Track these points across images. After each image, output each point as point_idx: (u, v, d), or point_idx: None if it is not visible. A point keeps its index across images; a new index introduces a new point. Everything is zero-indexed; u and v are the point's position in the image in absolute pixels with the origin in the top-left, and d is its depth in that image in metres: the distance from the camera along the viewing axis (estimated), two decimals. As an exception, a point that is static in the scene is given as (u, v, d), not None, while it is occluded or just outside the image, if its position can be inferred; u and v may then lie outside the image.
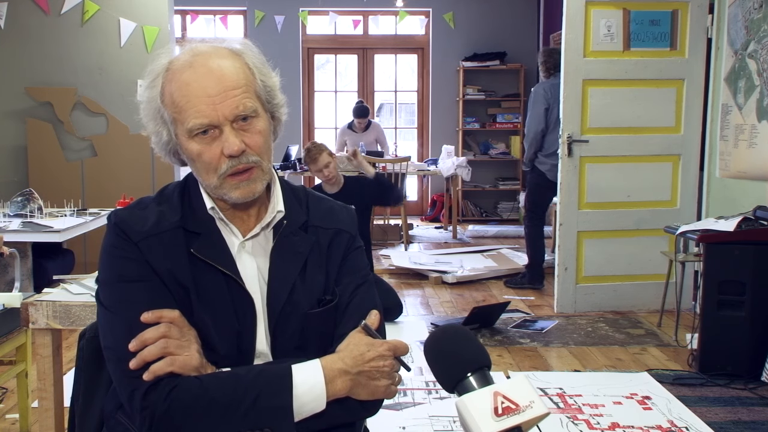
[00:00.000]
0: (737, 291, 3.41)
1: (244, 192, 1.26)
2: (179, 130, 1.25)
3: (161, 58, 1.28)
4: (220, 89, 1.21)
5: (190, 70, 1.23)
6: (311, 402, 1.19)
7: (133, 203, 1.34)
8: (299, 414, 1.19)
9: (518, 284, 5.33)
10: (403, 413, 2.99)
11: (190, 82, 1.22)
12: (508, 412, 0.96)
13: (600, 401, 3.13)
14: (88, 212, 4.39)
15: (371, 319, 1.29)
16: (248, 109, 1.23)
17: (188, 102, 1.21)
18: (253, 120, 1.24)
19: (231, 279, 1.26)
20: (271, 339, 1.29)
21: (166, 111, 1.25)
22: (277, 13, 8.54)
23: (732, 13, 4.21)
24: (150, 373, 1.16)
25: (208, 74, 1.22)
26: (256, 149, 1.25)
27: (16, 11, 5.31)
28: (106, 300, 1.25)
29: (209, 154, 1.23)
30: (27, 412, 2.81)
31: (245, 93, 1.23)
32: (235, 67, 1.24)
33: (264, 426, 1.16)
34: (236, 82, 1.23)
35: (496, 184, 8.88)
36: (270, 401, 1.17)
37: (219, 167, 1.23)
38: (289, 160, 7.09)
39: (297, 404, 1.18)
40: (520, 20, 8.78)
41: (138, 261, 1.24)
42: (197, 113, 1.21)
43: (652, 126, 4.55)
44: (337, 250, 1.35)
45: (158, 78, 1.26)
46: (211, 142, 1.23)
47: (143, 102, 1.28)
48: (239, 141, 1.22)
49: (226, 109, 1.21)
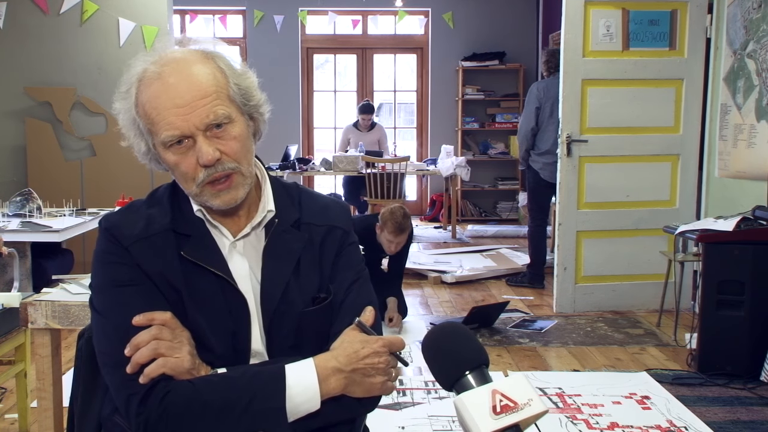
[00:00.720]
0: (736, 291, 3.41)
1: (224, 200, 1.25)
2: (156, 141, 1.23)
3: (135, 66, 1.25)
4: (188, 99, 1.19)
5: (159, 80, 1.20)
6: (306, 402, 1.19)
7: (124, 207, 1.34)
8: (294, 414, 1.18)
9: (519, 283, 5.34)
10: (402, 413, 2.99)
11: (160, 94, 1.20)
12: (506, 410, 0.95)
13: (599, 401, 3.13)
14: (87, 212, 4.39)
15: (365, 315, 1.29)
16: (219, 117, 1.21)
17: (159, 114, 1.20)
18: (228, 126, 1.22)
19: (223, 280, 1.26)
20: (266, 338, 1.28)
21: (141, 122, 1.24)
22: (277, 12, 8.54)
23: (731, 13, 4.21)
24: (145, 377, 1.16)
25: (176, 84, 1.19)
26: (233, 155, 1.23)
27: (16, 11, 5.30)
28: (99, 305, 1.25)
29: (185, 164, 1.22)
30: (26, 411, 2.81)
31: (216, 100, 1.21)
32: (205, 73, 1.22)
33: (258, 428, 1.16)
34: (205, 90, 1.20)
35: (495, 183, 8.88)
36: (264, 404, 1.16)
37: (196, 177, 1.22)
38: (289, 159, 7.08)
39: (291, 405, 1.18)
40: (519, 20, 8.78)
41: (129, 265, 1.23)
42: (168, 125, 1.19)
43: (651, 126, 4.55)
44: (330, 247, 1.34)
45: (132, 88, 1.24)
46: (186, 151, 1.21)
47: (119, 112, 1.26)
48: (213, 149, 1.20)
49: (196, 118, 1.19)
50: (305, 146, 9.05)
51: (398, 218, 4.03)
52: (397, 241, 4.08)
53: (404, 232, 4.08)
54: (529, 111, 5.14)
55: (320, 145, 9.27)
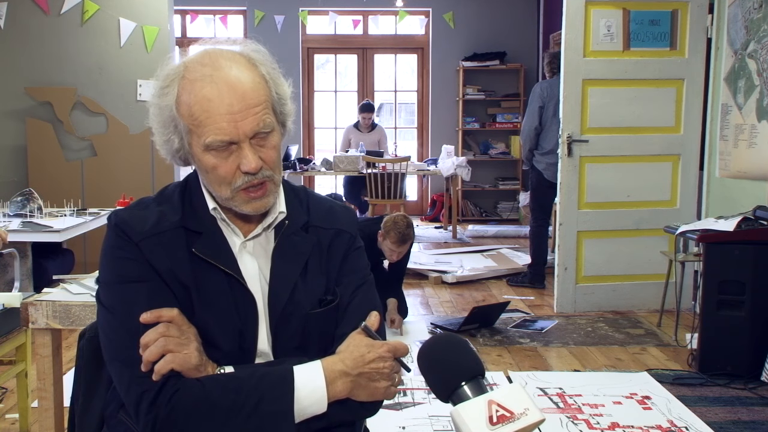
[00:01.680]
0: (737, 291, 3.41)
1: (256, 206, 1.26)
2: (194, 141, 1.23)
3: (173, 63, 1.25)
4: (242, 107, 1.20)
5: (211, 84, 1.20)
6: (313, 405, 1.20)
7: (132, 204, 1.34)
8: (300, 416, 1.19)
9: (520, 283, 5.34)
10: (403, 413, 2.99)
11: (212, 98, 1.19)
12: (502, 420, 0.95)
13: (600, 401, 3.13)
14: (87, 212, 4.38)
15: (371, 320, 1.29)
16: (267, 126, 1.22)
17: (209, 117, 1.20)
18: (269, 135, 1.24)
19: (233, 278, 1.26)
20: (272, 339, 1.29)
21: (182, 121, 1.23)
22: (277, 12, 8.54)
23: (732, 13, 4.21)
24: (156, 374, 1.16)
25: (230, 91, 1.20)
26: (271, 164, 1.25)
27: (16, 11, 5.30)
28: (106, 301, 1.25)
29: (225, 168, 1.22)
30: (27, 411, 2.81)
31: (265, 109, 1.22)
32: (254, 81, 1.23)
33: (266, 429, 1.16)
34: (257, 98, 1.21)
35: (495, 184, 8.88)
36: (272, 405, 1.17)
37: (234, 181, 1.23)
38: (289, 159, 7.08)
39: (298, 407, 1.18)
40: (519, 20, 8.78)
41: (138, 261, 1.23)
42: (218, 130, 1.20)
43: (651, 126, 4.55)
44: (337, 251, 1.36)
45: (173, 85, 1.23)
46: (228, 156, 1.22)
47: (154, 106, 1.26)
48: (257, 158, 1.22)
49: (247, 126, 1.20)
50: (306, 146, 9.05)
51: (401, 228, 3.99)
52: (399, 250, 4.06)
53: (407, 243, 4.06)
54: (532, 110, 5.15)
55: (321, 145, 9.28)
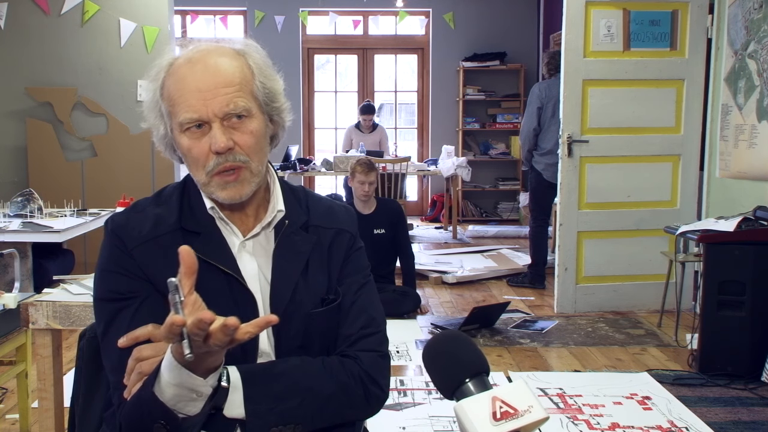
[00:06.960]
0: (737, 291, 3.41)
1: (230, 193, 1.25)
2: (174, 124, 1.25)
3: (168, 54, 1.29)
4: (211, 85, 1.21)
5: (188, 65, 1.24)
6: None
7: (129, 207, 1.34)
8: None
9: (520, 283, 5.34)
10: (403, 413, 2.99)
11: (186, 76, 1.23)
12: (506, 416, 0.95)
13: (600, 401, 3.13)
14: (88, 212, 4.38)
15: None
16: (239, 108, 1.22)
17: (181, 96, 1.22)
18: (246, 119, 1.24)
19: (232, 278, 1.26)
20: (274, 339, 1.29)
21: (164, 104, 1.26)
22: (277, 13, 8.54)
23: (732, 13, 4.21)
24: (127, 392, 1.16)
25: (203, 70, 1.22)
26: (245, 148, 1.24)
27: (16, 11, 5.30)
28: (97, 315, 1.26)
29: (197, 149, 1.23)
30: (27, 412, 2.80)
31: (239, 92, 1.23)
32: (233, 65, 1.24)
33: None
34: (230, 79, 1.23)
35: (496, 184, 8.88)
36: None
37: (206, 164, 1.23)
38: (289, 160, 7.09)
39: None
40: (520, 20, 8.78)
41: (130, 276, 1.24)
42: (188, 107, 1.21)
43: (652, 126, 4.55)
44: (338, 250, 1.36)
45: (161, 72, 1.27)
46: (201, 137, 1.23)
47: (145, 92, 1.30)
48: (226, 138, 1.22)
49: (215, 105, 1.21)
50: (306, 147, 9.05)
51: (363, 160, 4.43)
52: (369, 180, 4.35)
53: (373, 170, 4.38)
54: (531, 111, 5.15)
55: (321, 145, 9.28)
